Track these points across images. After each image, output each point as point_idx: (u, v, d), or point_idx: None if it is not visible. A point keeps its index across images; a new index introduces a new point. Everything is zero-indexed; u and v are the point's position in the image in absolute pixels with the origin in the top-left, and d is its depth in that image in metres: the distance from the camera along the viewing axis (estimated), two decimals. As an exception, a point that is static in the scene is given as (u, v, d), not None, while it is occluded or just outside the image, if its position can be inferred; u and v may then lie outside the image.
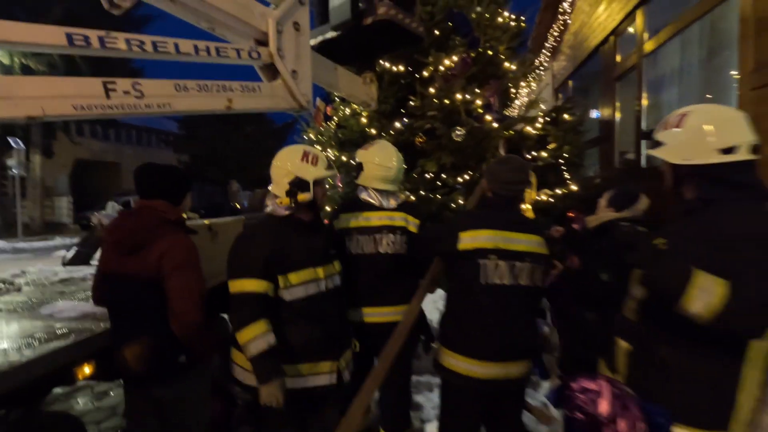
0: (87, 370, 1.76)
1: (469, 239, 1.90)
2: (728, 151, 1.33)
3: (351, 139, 5.30)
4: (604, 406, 1.38)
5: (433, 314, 3.09)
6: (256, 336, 1.68)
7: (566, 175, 4.79)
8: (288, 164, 1.90)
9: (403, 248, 2.30)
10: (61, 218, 18.87)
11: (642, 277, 1.50)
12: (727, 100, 3.62)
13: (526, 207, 4.38)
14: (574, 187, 4.63)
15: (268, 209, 1.97)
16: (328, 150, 5.59)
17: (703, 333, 1.29)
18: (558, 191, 4.59)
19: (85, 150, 21.76)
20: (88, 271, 3.19)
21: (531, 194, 4.40)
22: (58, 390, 3.07)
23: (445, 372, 1.99)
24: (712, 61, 4.18)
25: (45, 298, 2.38)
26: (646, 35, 5.24)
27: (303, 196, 1.87)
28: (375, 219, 2.30)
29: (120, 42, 2.17)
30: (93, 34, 2.08)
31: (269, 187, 2.03)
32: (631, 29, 5.60)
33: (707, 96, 4.30)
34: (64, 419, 1.91)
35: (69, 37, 2.00)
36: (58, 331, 1.83)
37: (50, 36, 1.98)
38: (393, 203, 2.36)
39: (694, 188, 1.41)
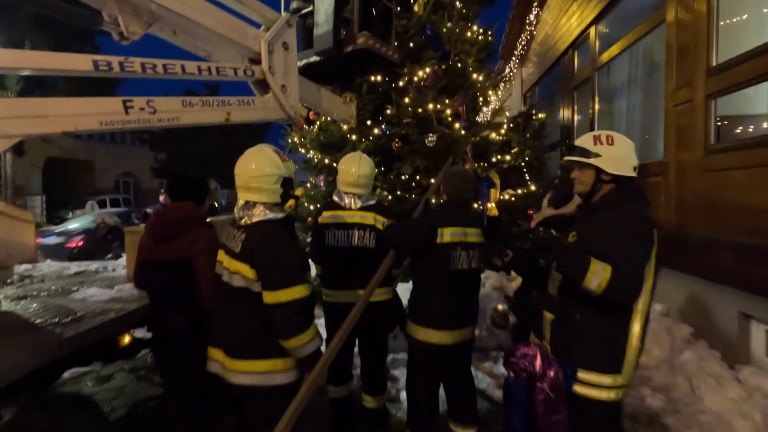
0: (126, 339, 2.13)
1: (447, 234, 2.37)
2: (635, 169, 1.89)
3: (332, 143, 5.67)
4: (538, 365, 1.88)
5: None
6: (314, 336, 1.89)
7: (527, 177, 5.32)
8: (276, 169, 1.95)
9: (372, 243, 2.73)
10: (35, 218, 18.41)
11: (556, 267, 2.01)
12: (659, 113, 4.20)
13: (491, 206, 4.94)
14: (533, 188, 5.17)
15: (267, 217, 1.94)
16: (311, 152, 5.95)
17: (603, 302, 1.79)
18: (520, 191, 5.12)
19: (57, 148, 21.21)
20: (98, 264, 3.48)
21: (495, 194, 4.93)
22: (66, 375, 3.39)
23: (417, 342, 2.45)
24: (650, 77, 4.78)
25: (69, 286, 2.69)
26: (598, 50, 5.84)
27: (297, 192, 2.25)
28: (348, 217, 2.74)
29: (136, 65, 2.52)
30: (114, 60, 2.43)
31: (249, 197, 1.98)
32: (587, 44, 6.20)
33: (645, 107, 4.91)
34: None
35: (95, 63, 2.34)
36: (97, 310, 2.19)
37: (79, 63, 2.32)
38: (358, 204, 2.77)
39: (610, 192, 1.90)
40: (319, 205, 3.79)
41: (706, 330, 3.46)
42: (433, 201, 3.36)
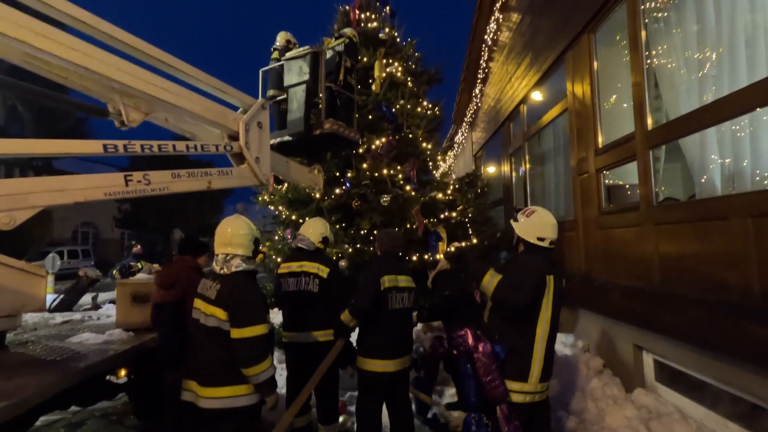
0: (123, 372, 2.52)
1: (386, 281, 2.99)
2: (540, 239, 2.65)
3: (299, 199, 6.30)
4: (470, 341, 2.52)
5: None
6: (269, 366, 2.38)
7: (471, 231, 6.10)
8: (249, 231, 2.58)
9: (315, 288, 3.28)
10: None
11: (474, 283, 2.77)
12: (570, 179, 5.14)
13: (439, 257, 5.64)
14: (475, 240, 5.93)
15: (241, 268, 2.45)
16: (280, 207, 6.52)
17: (515, 325, 2.49)
18: (464, 244, 5.85)
19: (13, 197, 20.61)
20: (81, 314, 3.78)
21: (443, 246, 5.65)
22: (37, 423, 3.58)
23: (366, 372, 2.99)
24: (566, 149, 5.78)
25: (62, 332, 3.03)
26: (527, 124, 6.94)
27: (264, 249, 2.85)
28: (296, 266, 3.32)
29: (137, 147, 3.09)
30: (119, 143, 2.99)
31: (230, 251, 2.49)
32: (519, 117, 7.32)
33: (561, 174, 5.88)
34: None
35: (104, 146, 2.90)
36: (94, 349, 2.58)
37: (91, 147, 2.89)
38: (306, 252, 3.40)
39: (521, 247, 2.72)
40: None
41: (612, 360, 4.13)
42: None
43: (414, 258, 5.27)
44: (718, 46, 3.28)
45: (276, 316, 4.38)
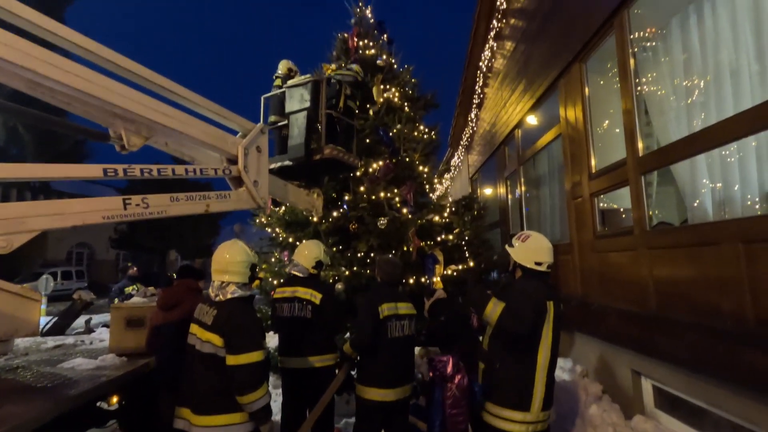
0: (114, 399, 2.47)
1: (385, 309, 2.97)
2: (538, 264, 2.64)
3: (296, 221, 6.31)
4: (449, 369, 2.48)
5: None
6: (264, 394, 2.35)
7: (467, 254, 6.10)
8: (245, 257, 2.59)
9: (309, 314, 3.27)
10: None
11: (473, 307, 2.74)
12: (564, 203, 5.20)
13: (436, 279, 5.62)
14: (472, 263, 5.93)
15: (237, 295, 2.43)
16: (277, 229, 6.53)
17: (516, 352, 2.45)
18: (461, 267, 5.85)
19: (9, 218, 20.53)
20: (73, 338, 3.72)
21: (440, 269, 5.65)
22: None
23: (364, 400, 2.95)
24: (561, 173, 5.87)
25: (53, 357, 2.98)
26: (521, 148, 7.05)
27: (260, 274, 2.84)
28: (289, 292, 3.32)
29: (136, 170, 3.12)
30: (119, 167, 3.02)
31: (225, 278, 2.48)
32: (513, 141, 7.44)
33: (557, 197, 5.95)
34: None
35: (104, 170, 2.93)
36: (86, 375, 2.54)
37: (91, 171, 2.92)
38: (301, 276, 3.40)
39: (519, 273, 2.70)
40: (282, 280, 4.34)
41: (611, 386, 4.08)
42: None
43: (411, 281, 5.26)
44: (705, 74, 3.40)
45: (271, 340, 4.34)
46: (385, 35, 7.20)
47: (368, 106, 5.58)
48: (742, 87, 3.11)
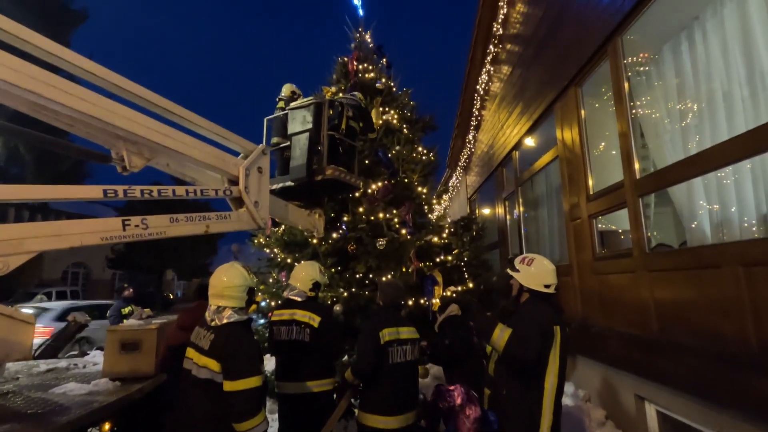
0: (107, 426, 2.40)
1: (386, 334, 2.93)
2: (548, 286, 2.62)
3: (295, 242, 6.29)
4: (458, 399, 2.41)
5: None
6: (262, 421, 2.28)
7: (467, 275, 6.08)
8: (243, 282, 2.50)
9: (307, 337, 3.18)
10: None
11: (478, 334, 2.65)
12: (563, 223, 5.21)
13: (435, 301, 5.57)
14: (471, 285, 5.90)
15: (233, 320, 2.38)
16: (275, 250, 6.50)
17: (523, 378, 2.40)
18: (460, 288, 5.81)
19: (5, 237, 20.40)
20: (66, 362, 3.65)
21: (439, 291, 5.61)
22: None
23: (366, 428, 2.88)
24: (559, 194, 5.91)
25: (45, 382, 2.91)
26: (519, 169, 7.12)
27: (258, 298, 2.79)
28: (287, 315, 3.27)
29: (137, 191, 3.13)
30: (119, 188, 3.02)
31: (221, 303, 2.43)
32: (511, 163, 7.52)
33: (555, 218, 5.97)
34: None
35: (104, 191, 2.93)
36: (78, 400, 2.47)
37: (91, 192, 2.92)
38: (298, 300, 3.33)
39: (525, 297, 2.65)
40: (280, 301, 4.28)
41: (614, 411, 4.00)
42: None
43: (409, 303, 5.21)
44: (698, 97, 3.47)
45: (268, 363, 4.26)
46: (385, 59, 7.36)
47: (369, 134, 5.66)
48: (735, 110, 3.17)
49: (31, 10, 16.11)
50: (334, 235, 5.54)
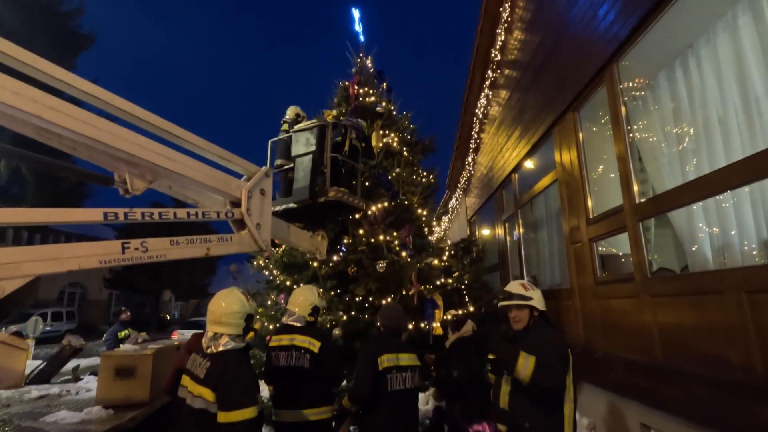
0: None
1: (385, 361, 2.87)
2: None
3: (294, 263, 6.26)
4: None
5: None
6: None
7: (467, 298, 6.02)
8: (241, 308, 2.42)
9: (306, 363, 3.09)
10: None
11: (495, 363, 2.60)
12: (563, 246, 5.19)
13: (436, 325, 5.50)
14: (472, 308, 5.83)
15: (229, 347, 2.31)
16: (275, 272, 6.46)
17: (543, 407, 2.33)
18: (461, 311, 5.75)
19: None
20: (59, 388, 3.55)
21: (439, 314, 5.54)
22: None
23: None
24: (559, 217, 5.91)
25: (36, 410, 2.83)
26: (519, 192, 7.15)
27: (256, 326, 2.71)
28: (286, 340, 3.20)
29: (137, 214, 3.12)
30: (120, 211, 3.02)
31: (219, 330, 2.36)
32: (511, 186, 7.55)
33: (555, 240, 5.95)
34: None
35: (105, 215, 2.93)
36: (69, 429, 2.40)
37: (91, 215, 2.92)
38: (297, 326, 3.23)
39: (537, 320, 2.61)
40: (278, 324, 4.22)
41: (620, 441, 3.89)
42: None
43: (410, 326, 5.14)
44: (694, 122, 3.52)
45: (265, 389, 4.17)
46: (385, 83, 7.51)
47: (369, 161, 5.74)
48: (731, 133, 3.21)
49: (41, 36, 16.54)
50: (335, 258, 5.52)
